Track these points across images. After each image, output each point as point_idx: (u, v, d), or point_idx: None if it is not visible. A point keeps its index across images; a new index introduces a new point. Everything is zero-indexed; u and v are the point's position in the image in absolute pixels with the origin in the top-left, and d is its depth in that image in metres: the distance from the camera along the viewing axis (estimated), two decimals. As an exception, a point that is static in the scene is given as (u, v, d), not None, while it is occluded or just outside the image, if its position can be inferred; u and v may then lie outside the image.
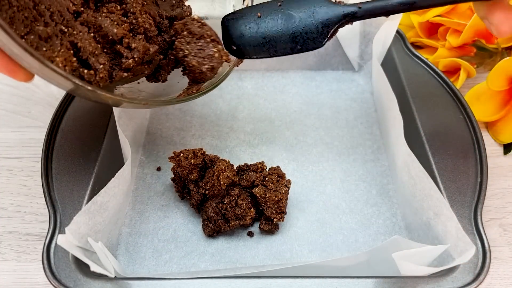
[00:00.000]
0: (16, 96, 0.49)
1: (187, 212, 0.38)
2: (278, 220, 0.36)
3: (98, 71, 0.29)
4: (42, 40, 0.27)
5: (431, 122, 0.40)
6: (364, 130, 0.45)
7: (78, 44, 0.29)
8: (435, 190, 0.31)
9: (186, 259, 0.35)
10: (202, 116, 0.47)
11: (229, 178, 0.36)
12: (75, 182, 0.36)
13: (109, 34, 0.30)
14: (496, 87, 0.44)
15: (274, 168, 0.38)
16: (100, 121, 0.40)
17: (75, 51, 0.29)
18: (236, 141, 0.44)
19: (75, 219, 0.29)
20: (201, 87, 0.36)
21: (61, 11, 0.29)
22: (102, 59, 0.30)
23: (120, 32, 0.30)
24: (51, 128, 0.39)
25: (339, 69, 0.52)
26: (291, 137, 0.45)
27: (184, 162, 0.36)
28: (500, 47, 0.49)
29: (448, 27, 0.47)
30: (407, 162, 0.35)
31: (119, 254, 0.35)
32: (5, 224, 0.38)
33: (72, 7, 0.30)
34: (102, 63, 0.30)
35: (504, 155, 0.44)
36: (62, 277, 0.30)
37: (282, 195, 0.36)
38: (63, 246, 0.28)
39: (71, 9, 0.30)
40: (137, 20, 0.33)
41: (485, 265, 0.31)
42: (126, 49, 0.31)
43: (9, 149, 0.44)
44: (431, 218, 0.32)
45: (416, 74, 0.44)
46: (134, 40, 0.31)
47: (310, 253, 0.36)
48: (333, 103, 0.48)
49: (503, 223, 0.38)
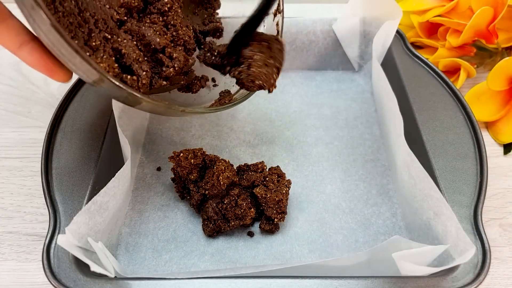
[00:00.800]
0: (16, 96, 0.49)
1: (187, 212, 0.38)
2: (278, 220, 0.36)
3: (141, 77, 0.30)
4: (88, 46, 0.28)
5: (431, 122, 0.40)
6: (364, 130, 0.45)
7: (122, 50, 0.30)
8: (435, 190, 0.31)
9: (186, 259, 0.35)
10: (202, 117, 0.47)
11: (229, 178, 0.36)
12: (75, 182, 0.36)
13: (152, 43, 0.31)
14: (496, 87, 0.44)
15: (274, 168, 0.38)
16: (100, 121, 0.40)
17: (116, 58, 0.30)
18: (236, 141, 0.44)
19: (75, 219, 0.29)
20: (233, 97, 0.37)
21: (105, 19, 0.30)
22: (145, 66, 0.31)
23: (163, 42, 0.32)
24: (51, 128, 0.39)
25: (339, 69, 0.52)
26: (291, 137, 0.45)
27: (184, 162, 0.36)
28: (500, 47, 0.49)
29: (448, 27, 0.47)
30: (407, 162, 0.35)
31: (119, 254, 0.35)
32: (5, 224, 0.38)
33: (116, 16, 0.31)
34: (145, 70, 0.31)
35: (504, 155, 0.44)
36: (62, 277, 0.30)
37: (283, 195, 0.36)
38: (63, 246, 0.28)
39: (115, 18, 0.31)
40: (177, 32, 0.34)
41: (485, 265, 0.31)
42: (167, 59, 0.32)
43: (9, 149, 0.44)
44: (431, 218, 0.32)
45: (416, 74, 0.44)
46: (175, 50, 0.32)
47: (310, 253, 0.36)
48: (333, 103, 0.48)
49: (503, 223, 0.38)
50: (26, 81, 0.51)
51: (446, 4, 0.47)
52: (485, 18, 0.44)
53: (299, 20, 0.48)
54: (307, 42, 0.49)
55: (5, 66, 0.53)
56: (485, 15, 0.44)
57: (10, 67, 0.52)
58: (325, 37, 0.49)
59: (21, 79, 0.51)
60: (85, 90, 0.43)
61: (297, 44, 0.49)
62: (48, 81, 0.51)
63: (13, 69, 0.52)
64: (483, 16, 0.44)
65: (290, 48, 0.49)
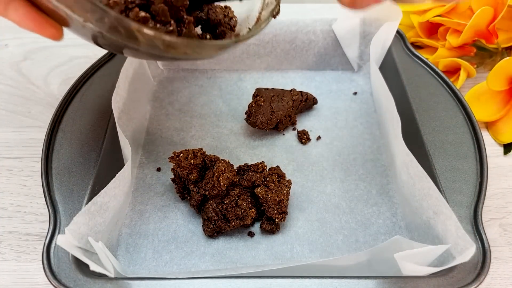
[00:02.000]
0: (16, 96, 0.49)
1: (187, 212, 0.38)
2: (279, 221, 0.36)
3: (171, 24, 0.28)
4: None
5: (431, 122, 0.40)
6: (364, 130, 0.45)
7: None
8: (434, 190, 0.32)
9: (186, 260, 0.35)
10: (202, 117, 0.47)
11: (229, 179, 0.36)
12: (75, 182, 0.36)
13: None
14: (496, 87, 0.44)
15: (274, 168, 0.38)
16: (101, 121, 0.40)
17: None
18: (236, 142, 0.44)
19: (75, 219, 0.29)
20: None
21: None
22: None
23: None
24: (51, 128, 0.39)
25: (338, 69, 0.52)
26: (291, 138, 0.45)
27: (184, 163, 0.36)
28: (500, 47, 0.49)
29: (448, 27, 0.47)
30: (405, 161, 0.35)
31: (119, 255, 0.35)
32: (5, 224, 0.38)
33: None
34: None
35: (504, 155, 0.44)
36: (62, 277, 0.30)
37: (284, 195, 0.36)
38: (63, 247, 0.28)
39: None
40: None
41: (485, 265, 0.31)
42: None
43: (9, 149, 0.44)
44: (430, 217, 0.32)
45: (416, 74, 0.44)
46: None
47: (311, 253, 0.36)
48: (332, 103, 0.48)
49: (503, 223, 0.38)
50: (26, 81, 0.51)
51: (446, 4, 0.47)
52: (485, 18, 0.44)
53: (299, 19, 0.48)
54: (307, 42, 0.49)
55: (5, 66, 0.53)
56: (485, 15, 0.44)
57: (10, 67, 0.52)
58: (325, 37, 0.49)
59: (21, 79, 0.51)
60: (85, 90, 0.43)
61: (297, 43, 0.49)
62: (48, 81, 0.51)
63: (13, 69, 0.52)
64: (483, 16, 0.44)
65: (290, 47, 0.50)
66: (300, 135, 0.44)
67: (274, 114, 0.43)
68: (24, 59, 0.54)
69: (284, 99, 0.44)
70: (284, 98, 0.44)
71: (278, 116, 0.43)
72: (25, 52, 0.54)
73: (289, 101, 0.44)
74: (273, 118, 0.43)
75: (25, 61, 0.53)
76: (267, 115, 0.43)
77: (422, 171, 0.33)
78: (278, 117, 0.43)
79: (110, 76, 0.43)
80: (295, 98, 0.45)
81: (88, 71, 0.44)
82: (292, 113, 0.45)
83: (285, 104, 0.44)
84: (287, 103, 0.44)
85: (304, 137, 0.44)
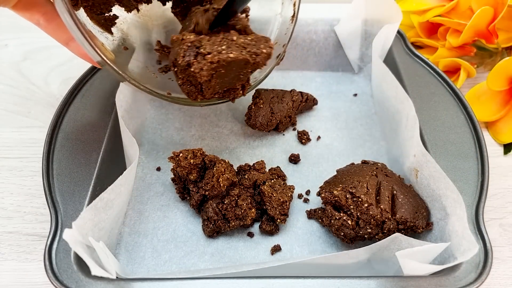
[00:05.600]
0: (16, 96, 0.49)
1: (186, 212, 0.38)
2: (280, 222, 0.36)
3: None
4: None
5: (432, 121, 0.40)
6: (364, 131, 0.45)
7: None
8: (452, 190, 0.32)
9: (185, 259, 0.35)
10: (202, 117, 0.46)
11: (229, 179, 0.35)
12: (76, 183, 0.35)
13: None
14: (496, 87, 0.44)
15: (274, 168, 0.38)
16: (102, 122, 0.40)
17: None
18: (236, 142, 0.44)
19: (82, 214, 0.29)
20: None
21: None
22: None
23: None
24: (52, 128, 0.39)
25: (339, 70, 0.52)
26: (291, 138, 0.45)
27: (184, 162, 0.36)
28: (500, 47, 0.49)
29: (448, 27, 0.47)
30: (420, 162, 0.35)
31: (118, 254, 0.35)
32: (5, 224, 0.38)
33: None
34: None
35: (504, 155, 0.44)
36: (64, 278, 0.30)
37: (288, 197, 0.36)
38: (68, 241, 0.27)
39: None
40: None
41: (487, 265, 0.31)
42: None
43: (9, 149, 0.44)
44: (440, 218, 0.33)
45: (416, 74, 0.44)
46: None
47: (310, 254, 0.36)
48: (332, 104, 0.48)
49: (503, 223, 0.38)
50: (26, 81, 0.51)
51: (446, 4, 0.47)
52: (485, 18, 0.44)
53: (301, 18, 0.48)
54: (308, 41, 0.49)
55: (5, 66, 0.53)
56: (485, 15, 0.44)
57: (10, 67, 0.52)
58: (326, 37, 0.49)
59: (21, 79, 0.51)
60: (86, 91, 0.43)
61: (298, 42, 0.50)
62: (48, 81, 0.51)
63: (13, 69, 0.52)
64: (483, 16, 0.44)
65: (290, 46, 0.49)
66: (300, 135, 0.44)
67: (274, 115, 0.43)
68: (24, 59, 0.53)
69: (284, 100, 0.44)
70: (284, 99, 0.44)
71: (278, 118, 0.43)
72: (25, 52, 0.54)
73: (289, 102, 0.44)
74: (273, 120, 0.43)
75: (25, 61, 0.53)
76: (267, 117, 0.43)
77: (440, 171, 0.33)
78: (278, 119, 0.43)
79: (110, 76, 0.43)
80: (295, 98, 0.45)
81: (89, 71, 0.44)
82: (292, 113, 0.44)
83: (285, 105, 0.44)
84: (287, 104, 0.44)
85: (304, 137, 0.44)
